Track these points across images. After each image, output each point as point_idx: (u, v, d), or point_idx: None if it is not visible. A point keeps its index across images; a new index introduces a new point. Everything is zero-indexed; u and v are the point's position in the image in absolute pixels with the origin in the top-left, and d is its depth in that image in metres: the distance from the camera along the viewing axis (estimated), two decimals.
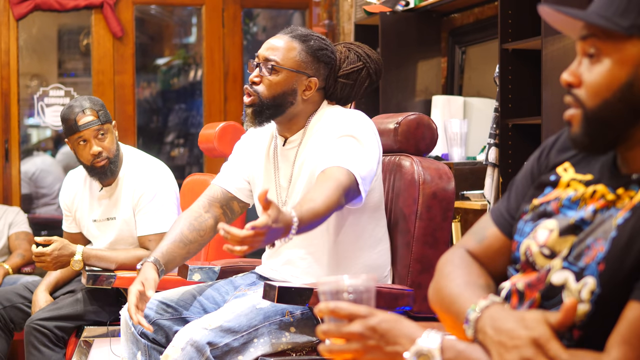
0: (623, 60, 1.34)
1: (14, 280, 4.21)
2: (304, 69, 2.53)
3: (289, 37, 2.54)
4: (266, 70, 2.51)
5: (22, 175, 5.21)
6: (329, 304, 1.37)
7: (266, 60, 2.52)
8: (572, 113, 1.40)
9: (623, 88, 1.34)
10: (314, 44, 2.53)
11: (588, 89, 1.37)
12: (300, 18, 5.98)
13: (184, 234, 2.61)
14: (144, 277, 2.47)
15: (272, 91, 2.51)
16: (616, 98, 1.34)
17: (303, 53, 2.52)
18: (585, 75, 1.38)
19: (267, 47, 2.54)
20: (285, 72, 2.51)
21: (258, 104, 2.51)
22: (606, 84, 1.35)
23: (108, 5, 5.19)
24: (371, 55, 2.61)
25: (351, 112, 2.53)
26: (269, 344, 2.40)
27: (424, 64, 4.45)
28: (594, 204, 1.40)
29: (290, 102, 2.53)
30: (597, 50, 1.36)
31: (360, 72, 2.58)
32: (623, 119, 1.35)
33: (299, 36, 2.54)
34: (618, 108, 1.34)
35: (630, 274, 1.29)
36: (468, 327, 1.39)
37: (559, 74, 1.48)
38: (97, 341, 3.39)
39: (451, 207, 2.59)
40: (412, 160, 2.60)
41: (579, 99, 1.38)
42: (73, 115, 3.34)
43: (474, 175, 3.73)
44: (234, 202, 2.70)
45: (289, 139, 2.58)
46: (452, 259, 1.59)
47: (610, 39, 1.35)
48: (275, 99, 2.51)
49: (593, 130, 1.37)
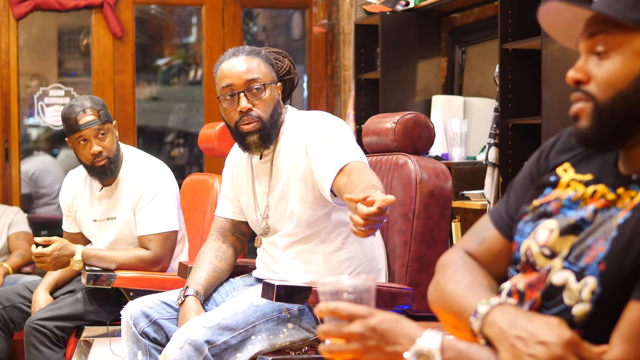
0: (635, 53, 1.34)
1: (14, 280, 4.21)
2: (272, 78, 2.58)
3: (246, 56, 2.57)
4: (257, 91, 2.53)
5: (22, 175, 5.21)
6: (328, 304, 1.37)
7: (250, 82, 2.53)
8: (581, 107, 1.39)
9: (638, 80, 1.33)
10: (265, 53, 2.61)
11: (600, 83, 1.36)
12: (300, 18, 5.97)
13: (215, 263, 2.68)
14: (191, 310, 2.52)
15: (268, 109, 2.55)
16: (631, 90, 1.34)
17: (264, 64, 2.57)
18: (594, 70, 1.37)
19: (237, 73, 2.54)
20: (269, 87, 2.56)
21: (262, 128, 2.53)
22: (621, 76, 1.34)
23: (108, 5, 5.19)
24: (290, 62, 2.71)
25: (313, 113, 2.59)
26: (266, 340, 2.41)
27: (424, 63, 4.45)
28: (594, 203, 1.40)
29: (279, 113, 2.58)
30: (606, 46, 1.36)
31: (294, 78, 2.71)
32: (635, 112, 1.34)
33: (251, 52, 2.58)
34: (632, 100, 1.34)
35: (630, 274, 1.29)
36: (475, 320, 1.38)
37: (559, 74, 1.47)
38: (97, 341, 3.39)
39: (449, 205, 2.59)
40: (409, 159, 2.60)
41: (589, 94, 1.37)
42: (74, 115, 3.34)
43: (474, 175, 3.72)
44: (242, 226, 2.77)
45: (264, 153, 2.61)
46: (454, 260, 1.58)
47: (620, 33, 1.34)
48: (273, 116, 2.56)
49: (604, 123, 1.36)
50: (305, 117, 2.58)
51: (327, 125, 2.49)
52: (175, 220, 3.41)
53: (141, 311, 2.59)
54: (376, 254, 2.57)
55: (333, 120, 2.53)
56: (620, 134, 1.37)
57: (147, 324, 2.57)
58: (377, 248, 2.58)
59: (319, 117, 2.55)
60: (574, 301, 1.35)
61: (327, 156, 2.41)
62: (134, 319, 2.58)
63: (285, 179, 2.53)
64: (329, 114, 2.58)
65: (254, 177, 2.65)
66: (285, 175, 2.53)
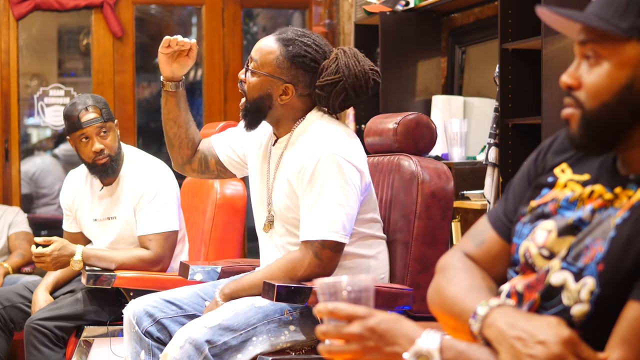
0: (622, 63, 1.33)
1: (14, 280, 4.21)
2: (279, 74, 2.48)
3: (274, 39, 2.51)
4: (245, 71, 2.53)
5: (22, 175, 5.21)
6: (327, 305, 1.37)
7: (251, 60, 2.53)
8: (571, 112, 1.39)
9: (622, 90, 1.33)
10: (293, 50, 2.47)
11: (588, 91, 1.36)
12: (301, 18, 5.97)
13: None
14: None
15: (252, 94, 2.52)
16: (615, 100, 1.34)
17: (280, 58, 2.48)
18: (584, 77, 1.37)
19: (255, 46, 2.54)
20: (260, 76, 2.50)
21: (246, 107, 2.54)
22: (606, 86, 1.34)
23: (108, 5, 5.18)
24: (353, 68, 2.46)
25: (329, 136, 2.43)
26: (267, 342, 2.40)
27: (424, 63, 4.45)
28: (591, 203, 1.40)
29: (267, 106, 2.52)
30: (595, 53, 1.36)
31: (336, 86, 2.47)
32: (622, 121, 1.35)
33: (282, 39, 2.49)
34: (617, 110, 1.34)
35: (629, 274, 1.29)
36: (475, 322, 1.38)
37: (559, 74, 1.47)
38: (97, 341, 3.39)
39: (450, 206, 2.58)
40: (411, 159, 2.60)
41: (578, 101, 1.38)
42: (76, 112, 3.35)
43: (474, 175, 3.72)
44: (212, 160, 2.75)
45: (278, 140, 2.58)
46: (453, 262, 1.58)
47: (608, 42, 1.34)
48: (255, 102, 2.52)
49: (592, 131, 1.37)
50: (322, 134, 2.44)
51: (325, 167, 2.37)
52: (176, 220, 3.41)
53: (144, 310, 2.58)
54: (380, 264, 2.56)
55: (336, 162, 2.38)
56: (608, 141, 1.37)
57: (151, 323, 2.57)
58: (381, 258, 2.57)
59: (328, 148, 2.39)
60: (573, 301, 1.35)
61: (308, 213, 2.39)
62: (137, 319, 2.58)
63: (284, 175, 2.50)
64: (344, 142, 2.43)
65: (268, 157, 2.60)
66: (285, 171, 2.50)
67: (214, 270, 2.84)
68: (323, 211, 2.37)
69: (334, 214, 2.37)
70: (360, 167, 2.44)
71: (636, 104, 1.33)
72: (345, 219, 2.39)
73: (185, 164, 2.76)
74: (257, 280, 2.45)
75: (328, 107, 2.53)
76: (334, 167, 2.38)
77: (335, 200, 2.37)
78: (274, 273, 2.42)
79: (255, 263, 2.85)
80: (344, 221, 2.38)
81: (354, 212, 2.42)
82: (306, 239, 2.39)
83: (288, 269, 2.41)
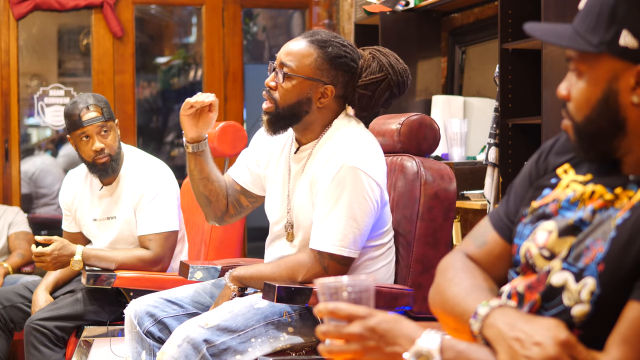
0: (596, 78, 1.37)
1: (14, 280, 4.21)
2: (319, 76, 2.44)
3: (308, 42, 2.45)
4: (281, 76, 2.44)
5: (22, 175, 5.21)
6: (328, 305, 1.37)
7: (282, 65, 2.45)
8: (567, 123, 1.44)
9: (600, 104, 1.37)
10: (332, 51, 2.44)
11: (574, 105, 1.41)
12: (301, 18, 5.97)
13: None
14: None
15: (287, 100, 2.43)
16: (595, 113, 1.38)
17: (320, 59, 2.43)
18: (572, 90, 1.41)
19: (285, 51, 2.46)
20: (299, 80, 2.43)
21: (274, 113, 2.45)
22: (585, 100, 1.38)
23: (108, 5, 5.18)
24: (395, 66, 2.49)
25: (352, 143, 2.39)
26: (267, 344, 2.40)
27: (424, 63, 4.45)
28: (592, 204, 1.40)
29: (305, 111, 2.45)
30: (577, 69, 1.40)
31: (380, 84, 2.47)
32: (604, 133, 1.38)
33: (317, 41, 2.44)
34: (599, 123, 1.38)
35: (629, 274, 1.29)
36: (475, 322, 1.38)
37: (559, 74, 1.49)
38: (97, 341, 3.39)
39: (452, 207, 2.58)
40: (414, 160, 2.60)
41: (569, 113, 1.42)
42: (77, 111, 3.35)
43: (474, 175, 3.72)
44: (241, 197, 2.68)
45: (301, 147, 2.52)
46: (454, 263, 1.58)
47: (585, 58, 1.37)
48: (291, 108, 2.44)
49: (584, 143, 1.41)
50: (347, 142, 2.40)
51: (345, 178, 2.33)
52: (176, 220, 3.41)
53: (145, 310, 2.58)
54: (388, 271, 2.54)
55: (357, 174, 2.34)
56: (602, 150, 1.40)
57: (152, 323, 2.57)
58: (390, 266, 2.55)
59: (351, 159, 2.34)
60: (573, 302, 1.35)
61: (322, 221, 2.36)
62: (138, 319, 2.58)
63: (306, 183, 2.46)
64: (368, 155, 2.38)
65: (288, 166, 2.55)
66: (308, 180, 2.46)
67: (214, 268, 2.84)
68: (336, 224, 2.34)
69: (346, 229, 2.34)
70: (380, 182, 2.40)
71: (614, 117, 1.36)
72: (357, 235, 2.35)
73: (224, 214, 2.68)
74: (263, 274, 2.43)
75: (370, 106, 2.50)
76: (354, 180, 2.34)
77: (350, 214, 2.34)
78: (282, 271, 2.40)
79: (256, 262, 2.85)
80: (356, 236, 2.35)
81: (367, 228, 2.38)
82: (316, 248, 2.37)
83: (294, 269, 2.39)
